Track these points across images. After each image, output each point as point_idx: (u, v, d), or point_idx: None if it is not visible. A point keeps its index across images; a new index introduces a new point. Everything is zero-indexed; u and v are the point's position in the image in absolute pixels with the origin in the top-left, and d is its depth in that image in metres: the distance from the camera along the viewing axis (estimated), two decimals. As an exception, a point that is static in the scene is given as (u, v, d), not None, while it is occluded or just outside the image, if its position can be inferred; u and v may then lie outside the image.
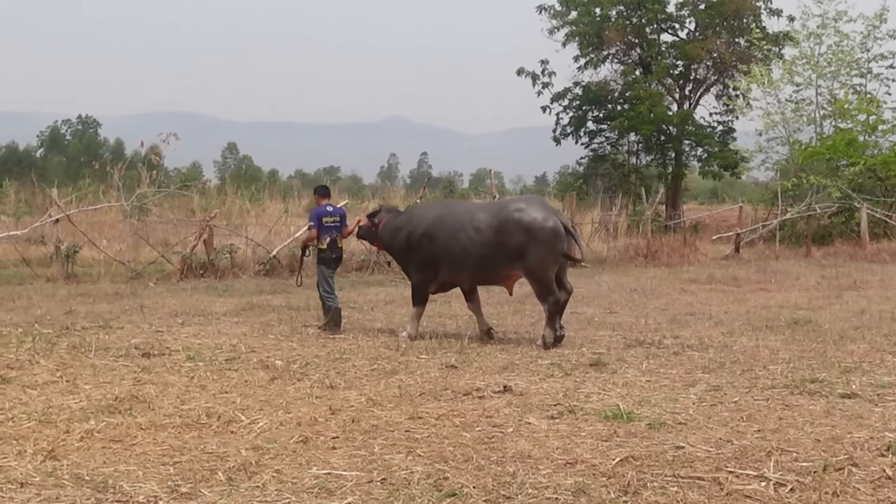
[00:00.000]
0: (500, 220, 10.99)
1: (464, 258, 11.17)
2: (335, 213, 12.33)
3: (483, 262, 11.15)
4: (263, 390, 8.32)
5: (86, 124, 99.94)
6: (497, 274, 11.40)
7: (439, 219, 11.49)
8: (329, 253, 12.20)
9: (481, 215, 11.20)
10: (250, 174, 70.86)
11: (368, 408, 7.61)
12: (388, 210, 12.64)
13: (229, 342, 10.97)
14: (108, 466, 5.94)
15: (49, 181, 33.41)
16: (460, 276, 11.55)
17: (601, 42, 42.77)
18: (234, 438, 6.65)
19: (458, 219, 11.29)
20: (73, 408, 7.50)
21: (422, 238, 11.47)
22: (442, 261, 11.36)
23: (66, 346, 10.39)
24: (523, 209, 10.97)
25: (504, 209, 11.19)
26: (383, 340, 11.31)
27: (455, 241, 11.16)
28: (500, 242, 10.94)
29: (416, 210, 12.69)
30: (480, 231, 11.02)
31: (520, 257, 10.91)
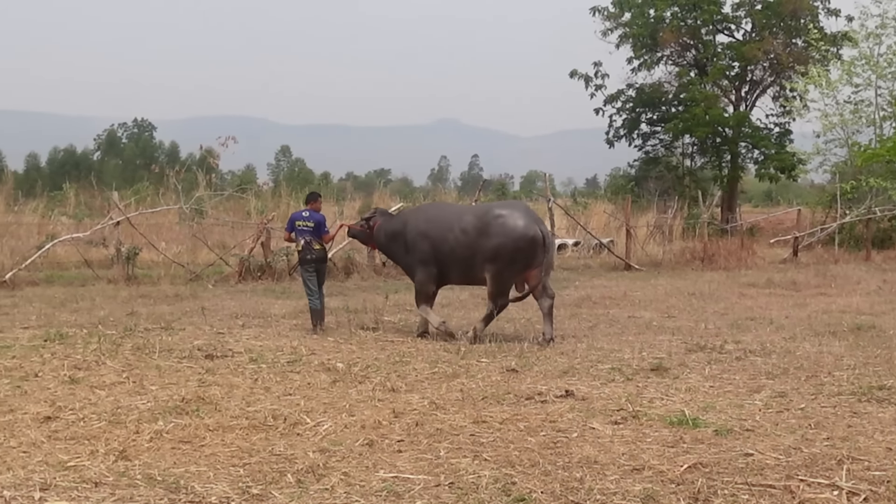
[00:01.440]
0: (483, 223, 11.56)
1: (451, 258, 11.80)
2: (310, 217, 12.68)
3: (467, 262, 11.73)
4: (326, 393, 8.38)
5: (141, 128, 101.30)
6: (481, 274, 11.80)
7: (432, 220, 12.11)
8: (304, 254, 12.60)
9: (468, 218, 11.81)
10: (303, 177, 71.32)
11: (431, 411, 7.62)
12: (382, 213, 13.17)
13: (290, 344, 11.05)
14: (179, 467, 6.02)
15: (106, 184, 33.97)
16: (450, 275, 12.15)
17: (655, 43, 42.46)
18: (301, 441, 6.70)
19: (448, 221, 11.91)
20: (141, 408, 7.62)
21: (417, 238, 12.03)
22: (436, 259, 11.95)
23: (131, 348, 10.54)
24: (505, 215, 11.53)
25: (488, 213, 11.77)
26: (442, 344, 11.34)
27: (444, 241, 11.80)
28: (481, 244, 11.51)
29: (410, 213, 13.15)
30: (466, 232, 11.63)
31: (493, 259, 11.47)
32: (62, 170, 77.67)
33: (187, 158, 67.41)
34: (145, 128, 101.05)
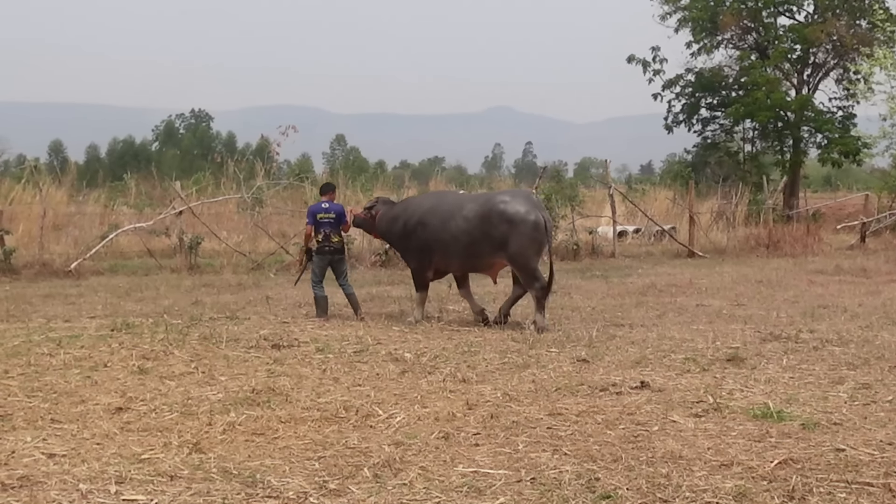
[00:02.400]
0: (485, 210, 11.58)
1: (453, 246, 11.80)
2: (330, 209, 12.64)
3: (469, 250, 11.75)
4: (396, 383, 8.25)
5: (198, 118, 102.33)
6: (482, 261, 11.95)
7: (432, 209, 12.09)
8: (325, 245, 12.60)
9: (470, 206, 11.84)
10: (358, 165, 71.45)
11: (505, 403, 7.46)
12: (384, 202, 13.19)
13: (355, 334, 10.95)
14: (254, 460, 5.92)
15: (164, 174, 34.23)
16: (451, 263, 12.16)
17: (715, 27, 41.65)
18: (375, 433, 6.57)
19: (449, 209, 11.92)
20: (212, 399, 7.55)
21: (416, 226, 12.07)
22: (434, 248, 11.96)
23: (198, 337, 10.51)
24: (507, 201, 11.60)
25: (490, 201, 11.84)
26: (509, 333, 11.16)
27: (445, 229, 11.79)
28: (484, 232, 11.55)
29: (411, 201, 13.16)
30: (468, 220, 11.64)
31: (503, 247, 11.49)
32: (122, 160, 78.86)
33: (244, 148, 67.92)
34: (202, 118, 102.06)
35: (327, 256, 12.66)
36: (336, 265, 12.75)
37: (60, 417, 6.95)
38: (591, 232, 24.05)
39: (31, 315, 12.68)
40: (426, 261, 12.18)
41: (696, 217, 25.72)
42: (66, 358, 9.24)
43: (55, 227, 22.46)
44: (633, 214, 30.35)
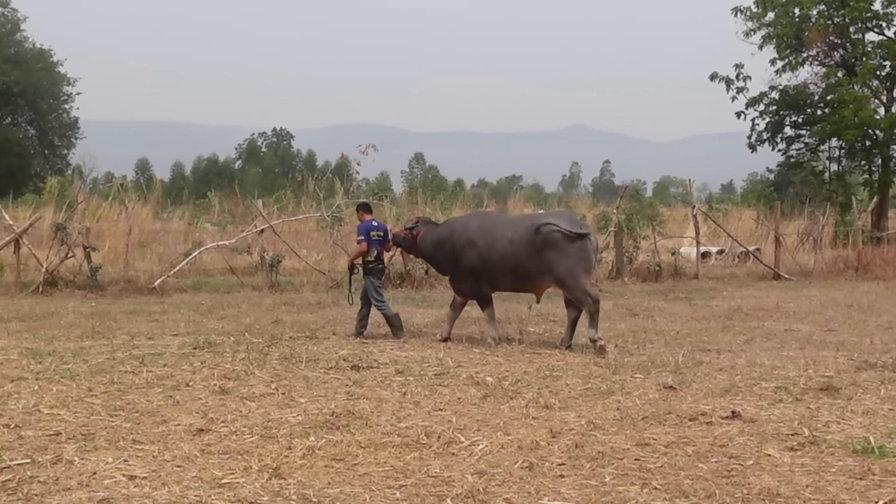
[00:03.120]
0: (530, 233, 11.58)
1: (500, 266, 11.82)
2: (379, 227, 12.79)
3: (516, 272, 11.78)
4: (477, 409, 8.09)
5: (280, 137, 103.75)
6: (528, 282, 11.98)
7: (478, 229, 12.08)
8: (376, 264, 12.67)
9: (515, 227, 11.89)
10: (437, 184, 71.55)
11: (590, 431, 7.25)
12: (425, 222, 13.13)
13: (436, 356, 10.84)
14: (334, 487, 5.81)
15: (246, 192, 34.63)
16: (499, 283, 12.18)
17: (801, 43, 40.77)
18: (457, 461, 6.42)
19: (495, 230, 11.97)
20: (291, 422, 7.47)
21: (464, 247, 12.02)
22: (483, 268, 11.94)
23: (278, 357, 10.50)
24: (552, 223, 11.55)
25: (535, 223, 11.77)
26: (591, 357, 10.92)
27: (493, 250, 11.80)
28: (529, 254, 11.55)
29: (455, 222, 12.96)
30: (514, 242, 11.67)
31: (549, 270, 11.52)
32: (206, 178, 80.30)
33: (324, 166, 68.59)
34: (284, 137, 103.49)
35: (380, 275, 12.74)
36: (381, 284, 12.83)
37: (142, 438, 6.94)
38: (673, 253, 23.62)
39: (115, 332, 12.81)
40: (478, 280, 12.08)
41: (782, 238, 25.08)
42: (148, 376, 9.29)
43: (140, 245, 22.79)
44: (715, 235, 29.78)
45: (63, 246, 19.21)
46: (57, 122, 65.03)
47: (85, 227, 20.18)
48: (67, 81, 64.40)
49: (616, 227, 22.48)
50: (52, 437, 6.97)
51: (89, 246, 19.49)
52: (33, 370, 9.64)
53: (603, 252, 22.47)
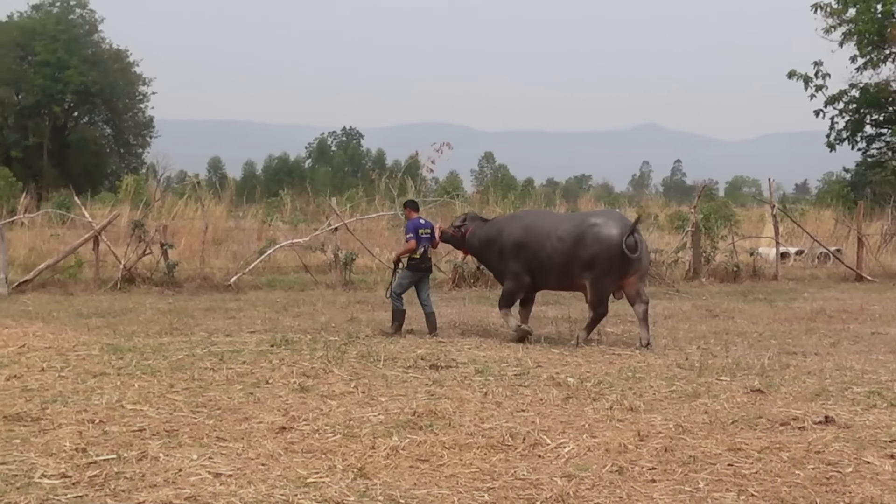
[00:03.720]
0: (579, 231, 11.63)
1: (548, 265, 11.86)
2: (426, 225, 12.81)
3: (563, 270, 11.81)
4: (561, 410, 7.93)
5: (349, 136, 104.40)
6: (575, 281, 11.94)
7: (527, 228, 12.14)
8: (421, 263, 12.68)
9: (564, 226, 11.95)
10: (506, 183, 71.34)
11: (679, 435, 7.04)
12: (473, 218, 13.18)
13: (514, 355, 10.69)
14: (420, 489, 5.70)
15: (317, 190, 34.81)
16: (547, 282, 12.32)
17: (882, 40, 39.83)
18: (544, 464, 6.27)
19: (545, 229, 11.99)
20: (373, 421, 7.39)
21: (513, 246, 12.08)
22: (532, 267, 11.98)
23: (356, 355, 10.44)
24: (600, 223, 11.64)
25: (584, 222, 11.88)
26: (674, 359, 10.67)
27: (542, 248, 11.84)
28: (577, 253, 11.58)
29: (503, 220, 13.12)
30: (563, 240, 11.70)
31: (590, 267, 11.53)
32: (276, 177, 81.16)
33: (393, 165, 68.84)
34: (353, 136, 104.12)
35: (419, 273, 12.73)
36: (424, 282, 12.85)
37: (225, 435, 6.91)
38: (751, 253, 23.14)
39: (193, 328, 12.89)
40: (524, 280, 12.13)
41: (865, 239, 24.42)
42: (228, 373, 9.30)
43: (215, 242, 23.00)
44: (793, 235, 29.11)
45: (141, 243, 19.48)
46: (132, 122, 66.24)
47: (162, 225, 20.43)
48: (143, 81, 65.58)
49: (693, 227, 22.09)
50: (137, 432, 6.98)
51: (166, 243, 19.71)
52: (115, 366, 9.71)
53: (679, 252, 22.13)
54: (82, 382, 8.84)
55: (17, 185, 44.20)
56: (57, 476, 5.87)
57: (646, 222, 27.51)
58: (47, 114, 60.91)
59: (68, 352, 10.59)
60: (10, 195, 37.19)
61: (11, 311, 14.73)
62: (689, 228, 22.31)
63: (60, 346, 10.95)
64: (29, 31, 59.35)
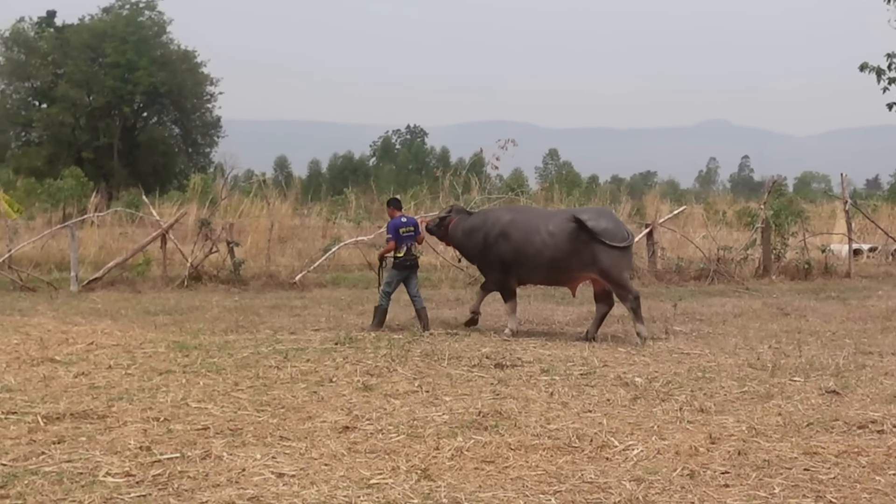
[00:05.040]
0: (572, 227, 11.58)
1: (536, 259, 11.84)
2: (409, 223, 12.88)
3: (553, 265, 11.79)
4: (628, 411, 7.76)
5: (414, 134, 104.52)
6: (566, 275, 12.05)
7: (513, 222, 12.11)
8: (405, 260, 12.75)
9: (554, 221, 11.91)
10: (571, 180, 70.87)
11: (752, 438, 6.84)
12: (458, 211, 13.32)
13: (580, 354, 10.53)
14: (485, 491, 5.60)
15: (381, 188, 34.84)
16: (533, 276, 12.36)
17: (959, 31, 38.67)
18: (612, 466, 6.12)
19: (533, 223, 11.98)
20: (437, 421, 7.30)
21: (497, 239, 12.09)
22: (517, 261, 11.99)
23: (420, 354, 10.37)
24: (594, 218, 11.68)
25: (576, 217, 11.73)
26: (745, 358, 10.40)
27: (530, 243, 11.82)
28: (573, 248, 11.59)
29: (489, 213, 13.18)
30: (554, 235, 11.69)
31: (593, 263, 11.58)
32: (341, 175, 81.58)
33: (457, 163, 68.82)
34: (417, 134, 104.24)
35: (406, 271, 12.81)
36: (412, 279, 12.91)
37: (289, 434, 6.88)
38: (823, 250, 22.60)
39: (258, 326, 12.93)
40: (508, 273, 12.19)
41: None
42: (292, 371, 9.28)
43: (280, 240, 23.10)
44: (865, 231, 28.38)
45: (207, 241, 19.63)
46: (200, 122, 66.94)
47: (228, 223, 20.57)
48: (210, 81, 66.23)
49: (763, 224, 21.64)
50: (201, 431, 6.97)
51: (233, 241, 19.84)
52: (180, 363, 9.76)
53: (749, 249, 21.71)
54: (148, 380, 8.89)
55: (88, 185, 44.99)
56: (121, 474, 5.88)
57: (713, 219, 27.11)
58: (117, 114, 61.85)
59: (135, 349, 10.67)
60: (81, 195, 37.92)
61: (81, 309, 14.93)
62: (759, 225, 21.86)
63: (128, 344, 11.05)
64: (99, 34, 60.31)
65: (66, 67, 60.36)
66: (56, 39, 60.91)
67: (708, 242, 21.96)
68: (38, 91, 61.60)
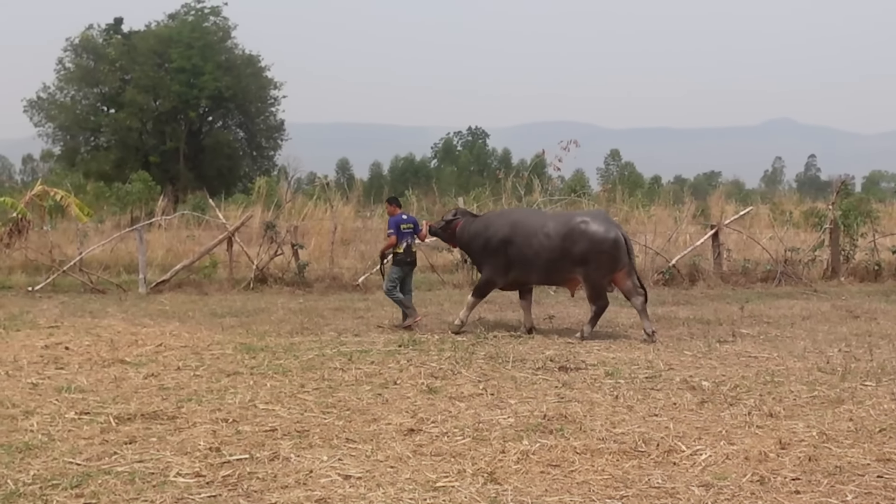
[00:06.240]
0: (567, 229, 12.06)
1: (534, 261, 12.22)
2: (409, 220, 13.46)
3: (549, 266, 12.19)
4: (695, 415, 7.67)
5: (475, 135, 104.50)
6: (560, 276, 12.44)
7: (515, 224, 12.52)
8: (405, 257, 13.24)
9: (551, 223, 12.32)
10: (633, 181, 70.34)
11: (822, 443, 6.72)
12: (463, 213, 13.67)
13: (645, 357, 10.45)
14: (552, 495, 5.58)
15: (442, 190, 34.87)
16: (530, 276, 12.58)
17: None
18: (679, 471, 6.05)
19: (532, 225, 12.37)
20: (503, 424, 7.29)
21: (500, 241, 12.44)
22: (516, 262, 12.37)
23: (484, 356, 10.38)
24: (588, 221, 12.11)
25: (572, 219, 12.30)
26: (814, 362, 10.22)
27: (528, 245, 12.22)
28: (566, 249, 12.00)
29: (492, 216, 13.53)
30: (550, 237, 12.10)
31: (582, 263, 12.00)
32: (403, 177, 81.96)
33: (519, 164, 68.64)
34: (479, 135, 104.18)
35: (406, 266, 13.34)
36: (409, 276, 13.47)
37: (354, 436, 6.92)
38: (894, 251, 22.10)
39: (322, 328, 13.04)
40: (504, 273, 12.54)
41: None
42: (357, 374, 9.35)
43: (343, 242, 23.23)
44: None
45: (272, 244, 19.82)
46: (264, 125, 67.80)
47: (293, 226, 20.75)
48: (274, 85, 67.07)
49: (832, 224, 21.25)
50: (269, 432, 7.05)
51: (297, 244, 20.04)
52: (248, 365, 9.89)
53: (817, 251, 21.33)
54: (216, 381, 9.01)
55: (155, 189, 45.75)
56: (191, 475, 5.97)
57: (780, 220, 26.67)
58: (183, 119, 62.91)
59: (203, 351, 10.84)
60: (148, 198, 38.55)
61: (149, 311, 15.19)
62: (828, 226, 21.47)
63: (196, 345, 11.23)
64: (165, 40, 61.39)
65: (133, 73, 61.55)
66: (123, 46, 62.13)
67: (775, 244, 21.60)
68: (106, 97, 62.91)
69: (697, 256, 20.22)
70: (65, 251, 20.69)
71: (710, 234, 20.67)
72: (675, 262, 19.91)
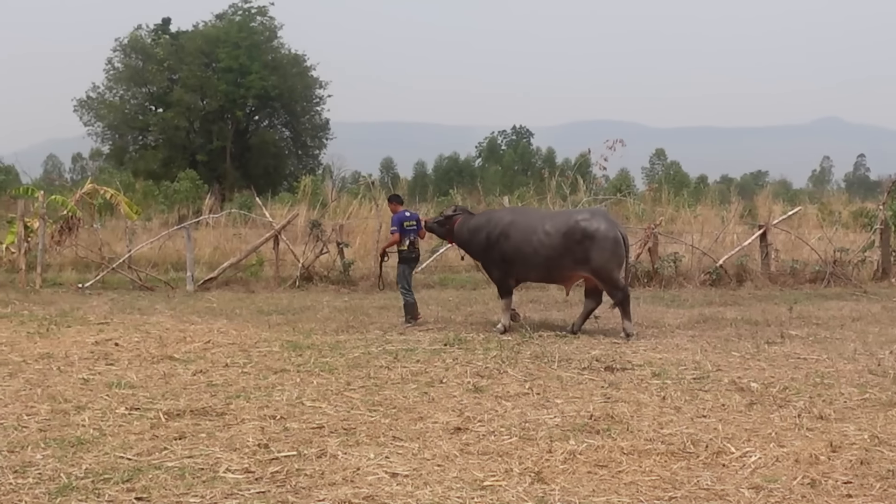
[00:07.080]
0: (568, 227, 12.11)
1: (533, 258, 12.28)
2: (412, 217, 13.61)
3: (549, 263, 12.26)
4: (744, 416, 7.60)
5: (519, 134, 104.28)
6: (560, 274, 12.49)
7: (513, 223, 12.55)
8: (409, 253, 13.48)
9: (551, 221, 12.38)
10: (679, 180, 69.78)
11: (874, 446, 6.62)
12: (463, 210, 13.70)
13: (692, 358, 10.36)
14: (599, 496, 5.55)
15: (487, 189, 34.86)
16: (530, 274, 12.80)
17: None
18: (728, 473, 6.00)
19: (531, 223, 12.41)
20: (549, 424, 7.27)
21: (498, 238, 12.51)
22: (515, 259, 12.42)
23: (530, 356, 10.36)
24: (589, 219, 12.16)
25: (572, 217, 12.33)
26: (865, 364, 10.07)
27: (527, 242, 12.28)
28: (566, 247, 12.06)
29: (492, 214, 13.61)
30: (549, 235, 12.16)
31: (585, 261, 12.07)
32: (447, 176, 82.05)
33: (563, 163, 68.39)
34: (523, 134, 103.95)
35: (411, 262, 13.62)
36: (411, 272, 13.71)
37: (401, 434, 6.94)
38: (946, 252, 21.73)
39: (368, 326, 13.10)
40: (508, 270, 12.61)
41: None
42: (403, 372, 9.37)
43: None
44: None
45: (318, 242, 19.94)
46: (310, 124, 68.16)
47: (338, 224, 20.87)
48: (319, 85, 67.40)
49: (882, 225, 20.94)
50: (316, 430, 7.09)
51: (342, 242, 20.14)
52: (294, 363, 9.95)
53: (867, 251, 21.04)
54: (264, 378, 9.08)
55: (202, 188, 46.23)
56: (240, 471, 6.02)
57: (828, 220, 26.35)
58: (230, 118, 63.43)
59: (250, 348, 10.93)
60: (196, 197, 38.98)
61: (197, 308, 15.36)
62: (878, 226, 21.17)
63: (243, 343, 11.33)
64: (213, 40, 61.93)
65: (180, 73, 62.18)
66: (171, 46, 62.78)
67: (823, 244, 21.34)
68: (154, 96, 63.62)
69: (745, 257, 20.02)
70: (114, 249, 20.97)
71: (757, 234, 20.47)
72: (723, 262, 19.73)
